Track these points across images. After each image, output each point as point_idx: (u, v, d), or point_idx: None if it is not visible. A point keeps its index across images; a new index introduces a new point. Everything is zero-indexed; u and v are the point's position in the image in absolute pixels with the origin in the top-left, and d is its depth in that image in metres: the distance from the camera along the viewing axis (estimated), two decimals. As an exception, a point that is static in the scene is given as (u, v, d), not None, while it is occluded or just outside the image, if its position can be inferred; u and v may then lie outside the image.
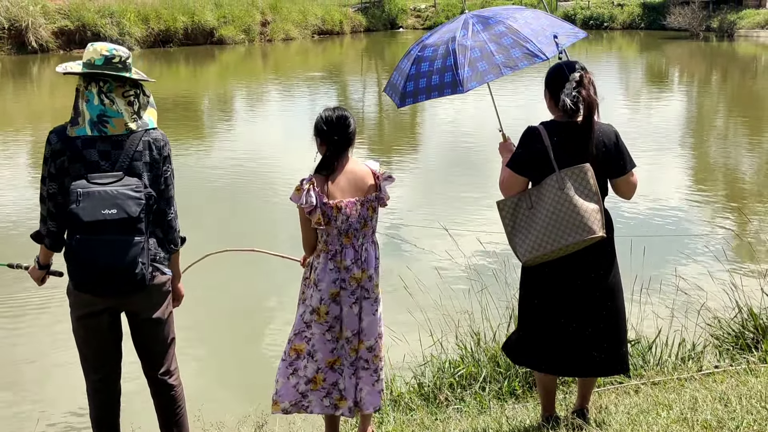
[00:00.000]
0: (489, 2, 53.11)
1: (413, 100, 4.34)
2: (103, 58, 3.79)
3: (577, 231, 3.94)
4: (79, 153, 3.74)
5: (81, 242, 3.60)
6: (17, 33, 29.08)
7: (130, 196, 3.69)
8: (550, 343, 4.20)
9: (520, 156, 4.10)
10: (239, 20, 37.20)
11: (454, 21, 4.48)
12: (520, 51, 4.13)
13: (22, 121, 17.49)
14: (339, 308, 4.18)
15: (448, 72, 4.14)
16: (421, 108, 21.12)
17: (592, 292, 4.15)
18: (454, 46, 4.19)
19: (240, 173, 12.73)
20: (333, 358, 4.23)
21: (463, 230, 8.81)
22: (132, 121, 3.85)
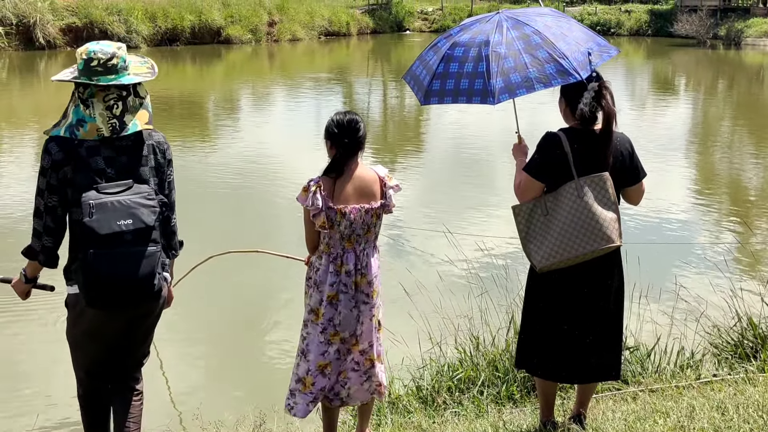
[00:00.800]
0: (497, 8, 53.14)
1: (438, 100, 4.18)
2: (83, 62, 3.63)
3: (595, 239, 3.98)
4: (84, 161, 3.58)
5: (98, 256, 3.46)
6: (25, 29, 29.17)
7: (145, 204, 3.59)
8: (551, 349, 4.22)
9: (539, 161, 4.08)
10: (246, 20, 37.26)
11: (488, 20, 4.29)
12: (555, 67, 3.95)
13: (29, 117, 17.53)
14: (334, 311, 4.18)
15: (479, 79, 3.99)
16: (426, 109, 21.14)
17: (598, 299, 4.17)
18: (488, 51, 4.02)
19: (245, 173, 12.74)
20: (324, 362, 4.23)
21: (466, 234, 8.82)
22: (107, 127, 3.63)
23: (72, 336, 3.89)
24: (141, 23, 32.63)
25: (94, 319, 3.73)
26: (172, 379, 6.01)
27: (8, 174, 12.46)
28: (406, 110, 22.11)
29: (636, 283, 5.87)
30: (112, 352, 3.93)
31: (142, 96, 3.80)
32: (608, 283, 4.19)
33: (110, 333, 3.84)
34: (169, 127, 16.22)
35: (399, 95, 24.78)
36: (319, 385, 4.25)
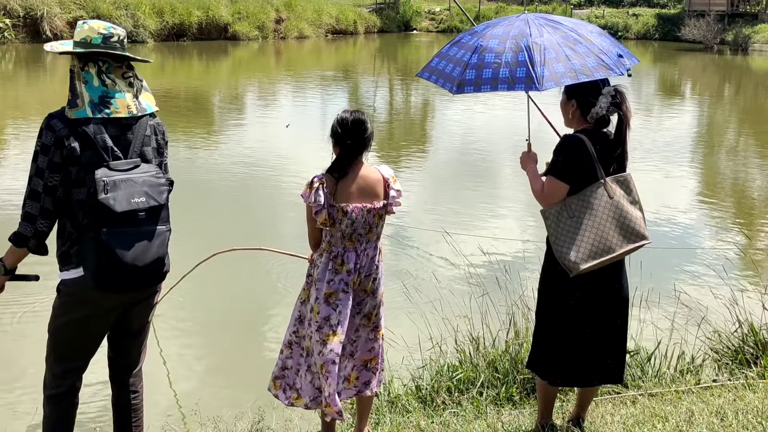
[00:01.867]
0: (503, 8, 53.22)
1: (474, 89, 4.04)
2: (101, 36, 3.58)
3: (630, 238, 4.06)
4: (90, 139, 3.47)
5: (112, 235, 3.41)
6: (32, 22, 29.25)
7: (155, 183, 3.57)
8: (569, 354, 4.21)
9: (565, 164, 4.06)
10: (254, 17, 37.33)
11: (515, 20, 4.25)
12: (596, 61, 3.97)
13: (35, 109, 17.54)
14: (332, 310, 4.18)
15: (522, 67, 3.93)
16: (432, 110, 21.15)
17: (612, 302, 4.20)
18: (527, 42, 3.98)
19: (250, 169, 12.75)
20: (321, 361, 4.23)
21: (468, 235, 8.82)
22: (133, 104, 3.63)
23: (61, 325, 3.69)
24: (148, 18, 32.71)
25: (90, 304, 3.62)
26: (172, 374, 6.01)
27: (14, 165, 12.47)
28: (411, 110, 22.11)
29: (638, 287, 5.87)
30: (93, 346, 3.80)
31: (140, 79, 3.79)
32: (620, 284, 4.23)
33: (103, 323, 3.73)
34: (175, 122, 16.24)
35: (405, 94, 24.79)
36: (316, 384, 4.24)
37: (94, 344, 3.81)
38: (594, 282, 4.11)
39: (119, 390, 4.01)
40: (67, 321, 3.66)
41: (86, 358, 3.82)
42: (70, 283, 3.60)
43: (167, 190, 3.65)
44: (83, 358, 3.80)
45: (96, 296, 3.57)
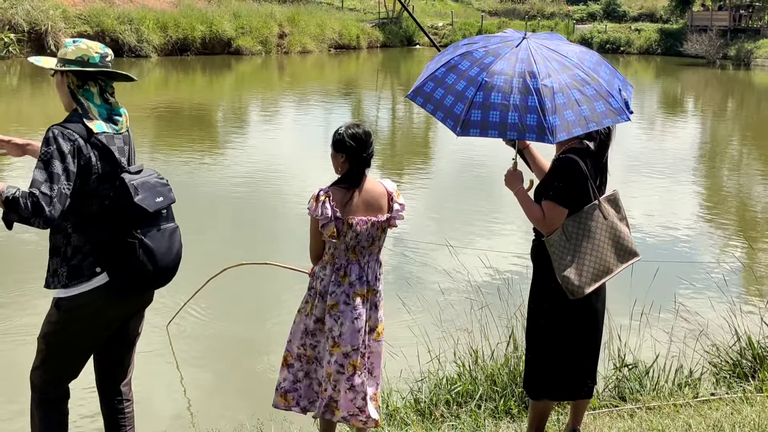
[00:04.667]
0: (506, 23, 53.35)
1: (480, 132, 3.80)
2: (99, 56, 3.71)
3: (625, 256, 4.14)
4: (106, 149, 3.60)
5: (150, 236, 3.62)
6: (37, 36, 29.37)
7: (161, 183, 3.76)
8: (571, 370, 4.23)
9: (566, 188, 4.04)
10: (257, 31, 37.47)
11: (517, 45, 4.02)
12: (605, 106, 3.82)
13: (39, 122, 17.59)
14: (334, 322, 4.20)
15: (532, 114, 3.72)
16: (434, 124, 21.19)
17: (602, 313, 4.28)
18: (537, 84, 3.77)
19: (253, 184, 12.78)
20: (331, 370, 4.26)
21: (469, 248, 8.84)
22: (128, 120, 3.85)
23: (62, 339, 3.71)
24: (152, 33, 32.83)
25: (103, 314, 3.68)
26: (172, 386, 6.03)
27: (15, 177, 12.52)
28: (414, 124, 22.16)
29: (636, 300, 5.89)
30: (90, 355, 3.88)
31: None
32: (605, 295, 4.29)
33: (106, 332, 3.80)
34: (178, 136, 16.30)
35: (407, 109, 24.85)
36: (329, 392, 4.25)
37: (89, 354, 3.87)
38: (592, 297, 4.14)
39: (112, 399, 4.05)
40: (70, 335, 3.70)
41: (81, 366, 3.87)
42: (78, 297, 3.61)
43: (172, 190, 3.83)
44: (80, 367, 3.87)
45: (106, 306, 3.66)
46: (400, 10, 50.70)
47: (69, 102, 3.69)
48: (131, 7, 33.96)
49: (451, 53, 4.16)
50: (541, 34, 4.34)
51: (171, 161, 14.19)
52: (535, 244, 4.24)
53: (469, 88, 3.87)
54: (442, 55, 4.24)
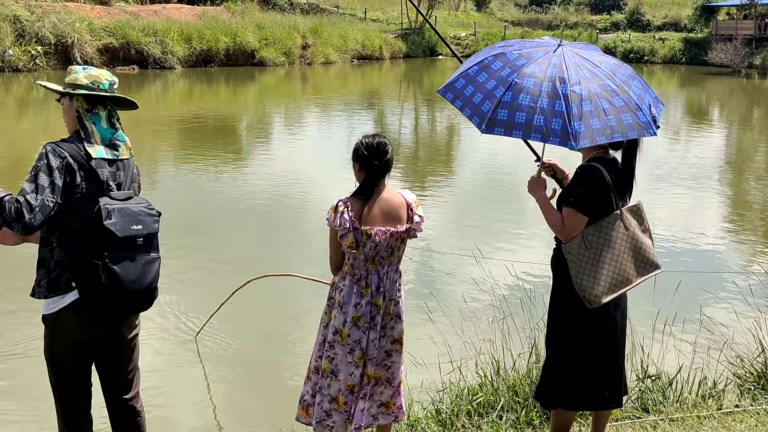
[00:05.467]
0: (529, 33, 53.28)
1: (505, 132, 3.83)
2: (108, 83, 3.86)
3: (646, 268, 4.11)
4: (93, 172, 3.70)
5: (117, 260, 3.61)
6: (63, 49, 29.72)
7: (148, 213, 3.77)
8: (589, 380, 4.21)
9: (586, 196, 4.04)
10: (280, 43, 37.68)
11: (553, 51, 4.05)
12: (632, 118, 3.84)
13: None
14: (361, 333, 4.21)
15: (558, 119, 3.74)
16: (457, 134, 21.19)
17: (623, 323, 4.25)
18: (565, 90, 3.79)
19: (276, 195, 12.83)
20: (353, 382, 4.26)
21: (493, 258, 8.82)
22: (130, 147, 3.92)
23: (54, 354, 3.88)
24: (176, 44, 33.12)
25: (82, 329, 3.77)
26: (192, 395, 6.06)
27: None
28: (437, 134, 22.17)
29: (660, 311, 5.86)
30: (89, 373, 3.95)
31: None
32: (625, 304, 4.28)
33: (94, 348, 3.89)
34: (202, 148, 16.41)
35: (430, 119, 24.87)
36: (350, 404, 4.26)
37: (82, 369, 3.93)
38: (611, 307, 4.12)
39: (123, 414, 4.11)
40: (58, 351, 3.86)
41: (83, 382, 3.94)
42: (56, 311, 3.75)
43: (158, 221, 3.83)
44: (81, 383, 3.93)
45: (83, 323, 3.74)
46: (423, 20, 50.80)
47: (74, 126, 3.84)
48: (156, 19, 34.28)
49: (486, 53, 4.21)
50: (578, 43, 4.33)
51: (195, 172, 14.28)
52: (556, 252, 4.23)
53: (498, 87, 3.91)
54: (478, 55, 4.29)
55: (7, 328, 6.95)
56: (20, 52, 28.60)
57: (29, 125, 19.77)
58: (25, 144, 16.67)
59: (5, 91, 24.83)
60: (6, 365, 6.34)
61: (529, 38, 30.90)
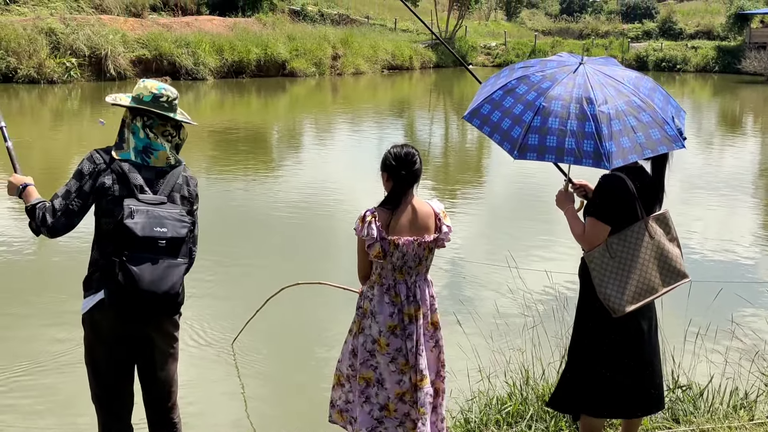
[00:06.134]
0: (559, 42, 53.11)
1: (537, 157, 3.86)
2: (152, 95, 3.94)
3: (672, 277, 4.08)
4: (125, 176, 3.81)
5: (134, 259, 3.66)
6: (97, 60, 30.08)
7: (177, 218, 3.81)
8: (613, 389, 4.21)
9: (607, 204, 4.06)
10: (311, 54, 37.88)
11: (574, 71, 4.06)
12: (660, 133, 3.85)
13: (98, 144, 17.95)
14: (401, 341, 4.23)
15: (589, 140, 3.76)
16: (488, 143, 21.16)
17: (650, 331, 4.23)
18: (594, 110, 3.81)
19: (306, 204, 12.89)
20: (401, 390, 4.27)
21: (523, 268, 8.80)
22: (172, 156, 3.99)
23: (91, 359, 3.98)
24: (208, 56, 33.41)
25: (111, 329, 3.84)
26: (234, 401, 6.11)
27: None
28: (467, 143, 22.16)
29: (691, 320, 5.82)
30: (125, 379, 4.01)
31: (183, 138, 4.12)
32: (654, 313, 4.26)
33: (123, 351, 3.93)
34: (233, 157, 16.54)
35: (460, 128, 24.87)
36: (401, 411, 4.28)
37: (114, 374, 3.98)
38: (637, 315, 4.11)
39: (159, 425, 4.17)
40: (92, 352, 3.95)
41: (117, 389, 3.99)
42: (88, 313, 3.87)
43: (188, 228, 3.86)
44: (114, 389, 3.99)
45: (112, 322, 3.81)
46: (453, 30, 50.87)
47: (120, 133, 3.97)
48: (188, 31, 34.62)
49: (507, 76, 4.22)
50: (597, 58, 4.34)
51: (227, 181, 14.40)
52: (583, 261, 4.24)
53: (526, 112, 3.92)
54: (497, 77, 4.31)
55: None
56: (55, 64, 29.00)
57: (64, 136, 20.03)
58: (60, 155, 16.91)
59: (40, 103, 25.19)
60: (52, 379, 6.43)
61: (559, 48, 31.09)
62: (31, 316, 7.61)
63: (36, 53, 28.46)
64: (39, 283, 8.57)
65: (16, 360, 6.57)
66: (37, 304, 7.91)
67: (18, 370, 6.42)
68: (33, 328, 7.29)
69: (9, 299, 8.05)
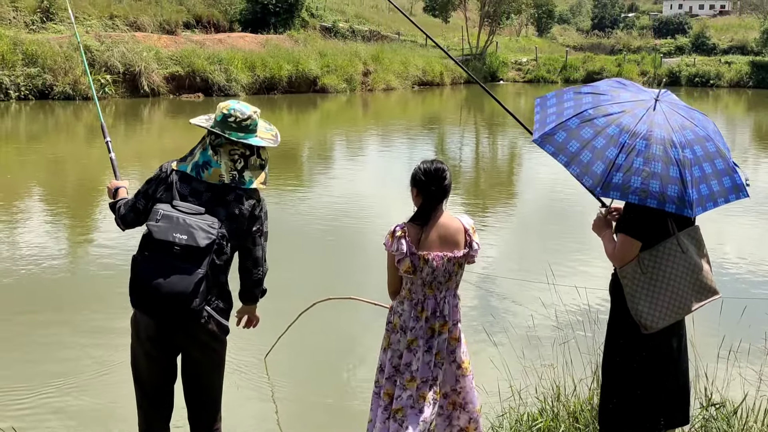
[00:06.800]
0: (590, 57, 52.89)
1: (621, 196, 3.81)
2: (222, 115, 4.07)
3: (703, 293, 4.05)
4: (172, 185, 4.02)
5: (146, 258, 3.79)
6: (131, 77, 30.46)
7: (203, 228, 3.85)
8: (645, 405, 4.18)
9: (637, 221, 4.03)
10: (342, 70, 38.07)
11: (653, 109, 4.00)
12: (731, 181, 3.89)
13: (131, 160, 18.21)
14: (412, 356, 4.25)
15: (673, 185, 3.74)
16: (519, 159, 21.13)
17: (680, 348, 4.21)
18: (677, 155, 3.79)
19: (337, 219, 12.93)
20: (398, 406, 4.28)
21: (555, 283, 8.76)
22: (228, 176, 4.04)
23: (132, 360, 4.19)
24: (240, 72, 33.68)
25: (146, 332, 4.01)
26: (265, 417, 6.13)
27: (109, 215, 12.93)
28: (498, 159, 22.13)
29: (725, 337, 5.75)
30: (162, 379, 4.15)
31: (264, 159, 4.19)
32: (684, 328, 4.25)
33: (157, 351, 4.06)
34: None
35: (491, 144, 24.85)
36: (392, 429, 4.27)
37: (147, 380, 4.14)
38: (661, 333, 4.08)
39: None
40: (132, 353, 4.19)
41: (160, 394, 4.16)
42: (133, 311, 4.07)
43: (213, 240, 3.86)
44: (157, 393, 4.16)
45: (146, 322, 3.98)
46: (484, 46, 50.90)
47: (192, 148, 4.16)
48: (221, 48, 34.97)
49: (572, 99, 4.16)
50: (668, 95, 4.23)
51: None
52: (614, 277, 4.22)
53: (609, 147, 3.85)
54: (559, 98, 4.23)
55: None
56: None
57: (98, 152, 20.27)
58: (94, 170, 17.10)
59: (75, 119, 25.53)
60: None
61: (590, 64, 30.88)
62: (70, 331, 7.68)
63: (71, 70, 28.87)
64: (76, 297, 8.67)
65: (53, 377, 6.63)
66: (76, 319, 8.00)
67: (51, 387, 6.49)
68: (73, 346, 7.36)
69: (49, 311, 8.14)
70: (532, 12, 65.21)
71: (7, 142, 20.96)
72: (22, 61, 28.18)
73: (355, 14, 54.67)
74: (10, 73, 27.67)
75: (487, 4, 51.68)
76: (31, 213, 12.81)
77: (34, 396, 6.25)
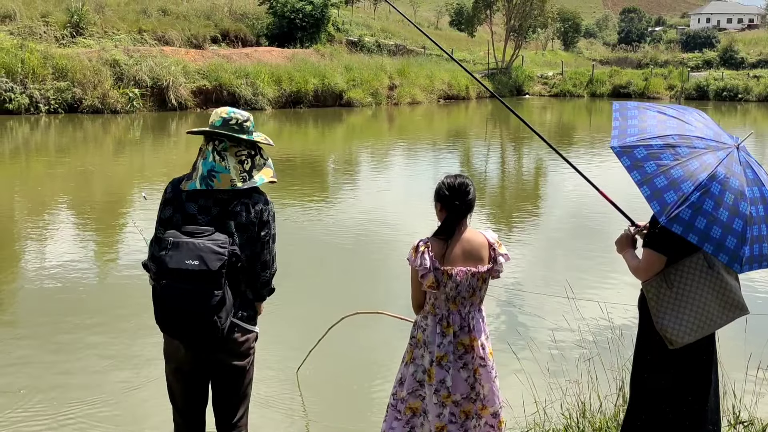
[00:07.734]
0: (617, 72, 52.68)
1: (683, 232, 3.75)
2: (221, 119, 4.10)
3: (732, 310, 4.00)
4: (182, 205, 4.06)
5: (164, 287, 3.83)
6: (159, 91, 30.77)
7: (214, 251, 3.85)
8: (678, 422, 4.14)
9: (663, 236, 3.99)
10: (367, 84, 38.22)
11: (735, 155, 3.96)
12: None
13: (159, 173, 18.35)
14: (445, 372, 4.23)
15: (733, 237, 3.72)
16: (544, 172, 21.07)
17: (710, 365, 4.15)
18: (745, 209, 3.76)
19: (362, 233, 12.95)
20: (441, 424, 4.25)
21: (581, 298, 8.71)
22: (239, 179, 4.06)
23: (166, 377, 4.29)
24: (267, 86, 33.92)
25: (172, 350, 4.13)
26: (290, 426, 6.15)
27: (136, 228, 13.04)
28: (523, 173, 22.08)
29: (752, 354, 5.70)
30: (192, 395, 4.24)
31: (266, 157, 4.24)
32: (714, 347, 4.18)
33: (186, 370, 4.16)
34: (292, 187, 16.69)
35: (517, 158, 24.80)
36: None
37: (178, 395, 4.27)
38: (690, 349, 4.04)
39: None
40: (167, 369, 4.27)
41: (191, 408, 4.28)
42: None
43: (224, 261, 3.87)
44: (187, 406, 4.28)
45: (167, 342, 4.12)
46: (510, 59, 50.88)
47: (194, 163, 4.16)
48: (248, 62, 35.24)
49: (655, 118, 4.10)
50: (744, 146, 4.13)
51: (283, 208, 14.53)
52: (642, 293, 4.19)
53: (686, 181, 3.78)
54: (643, 112, 4.17)
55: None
56: (118, 95, 29.72)
57: (125, 166, 20.46)
58: (121, 184, 17.26)
59: (104, 133, 25.79)
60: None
61: (617, 78, 30.74)
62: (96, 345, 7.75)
63: (100, 84, 29.23)
64: (104, 308, 8.74)
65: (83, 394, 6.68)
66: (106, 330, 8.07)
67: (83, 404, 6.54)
68: (101, 358, 7.42)
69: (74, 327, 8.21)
70: (558, 26, 65.20)
71: (37, 154, 21.21)
72: (52, 75, 28.58)
73: (381, 28, 54.88)
74: (41, 86, 28.06)
75: (513, 18, 51.70)
76: (59, 225, 12.95)
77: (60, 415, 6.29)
